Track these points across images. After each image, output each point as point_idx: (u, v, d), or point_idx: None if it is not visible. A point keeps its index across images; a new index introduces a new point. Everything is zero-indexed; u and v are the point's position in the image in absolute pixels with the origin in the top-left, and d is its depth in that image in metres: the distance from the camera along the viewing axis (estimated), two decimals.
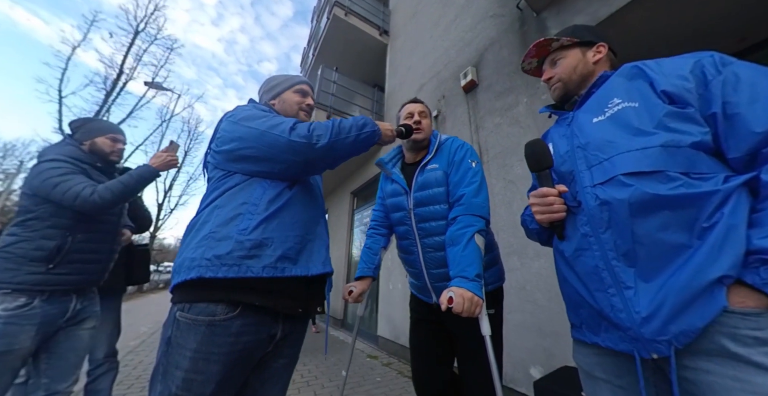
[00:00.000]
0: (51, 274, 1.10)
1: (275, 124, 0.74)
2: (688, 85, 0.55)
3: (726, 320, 0.46)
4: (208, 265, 0.64)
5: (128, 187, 1.19)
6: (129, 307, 7.73)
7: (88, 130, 1.36)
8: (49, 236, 1.11)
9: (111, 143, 1.39)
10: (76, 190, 1.10)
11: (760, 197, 0.48)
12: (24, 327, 1.04)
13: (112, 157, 1.40)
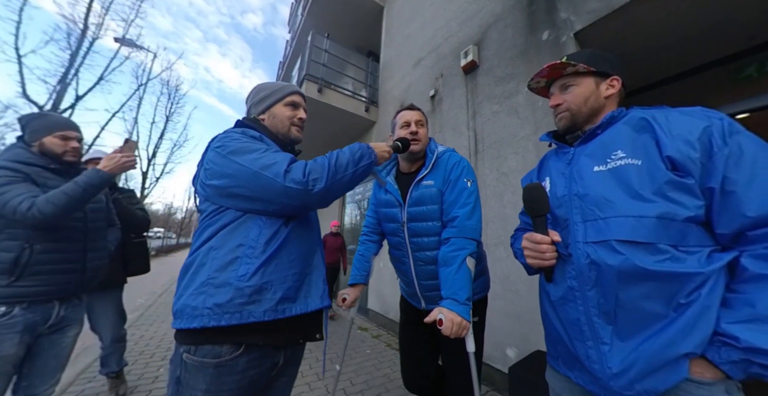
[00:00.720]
0: (15, 286, 1.06)
1: (268, 165, 0.70)
2: (693, 155, 0.55)
3: (684, 385, 0.52)
4: (210, 314, 0.65)
5: (73, 198, 1.06)
6: None
7: (34, 129, 1.20)
8: (6, 249, 1.05)
9: (61, 142, 1.23)
10: (13, 205, 1.00)
11: (736, 278, 0.52)
12: (6, 335, 1.04)
13: (66, 158, 1.24)
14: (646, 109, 0.67)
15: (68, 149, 1.24)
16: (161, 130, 10.21)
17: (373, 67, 4.97)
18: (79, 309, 1.30)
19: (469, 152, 2.78)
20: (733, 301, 0.50)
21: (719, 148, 0.53)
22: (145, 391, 1.92)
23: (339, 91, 4.43)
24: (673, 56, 2.07)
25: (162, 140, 10.32)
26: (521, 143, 2.30)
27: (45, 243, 1.12)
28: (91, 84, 9.17)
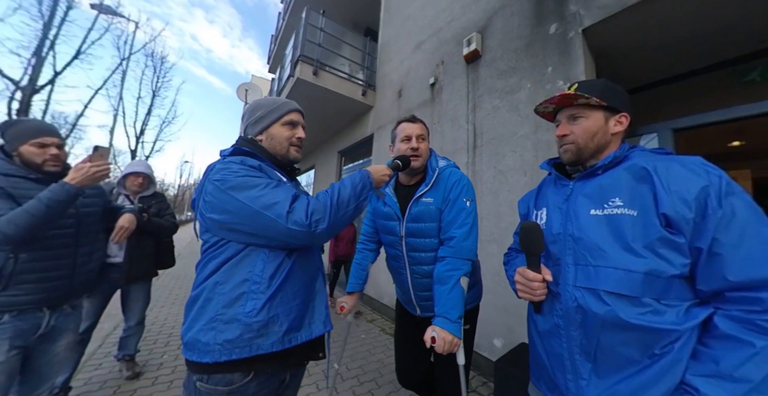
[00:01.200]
0: (3, 296, 1.06)
1: (270, 205, 0.69)
2: (688, 215, 0.56)
3: None
4: (221, 349, 0.69)
5: (37, 216, 1.00)
6: None
7: (10, 138, 1.14)
8: None
9: (38, 151, 1.15)
10: None
11: (708, 333, 0.56)
12: None
13: (47, 168, 1.18)
14: (649, 156, 0.67)
15: (48, 158, 1.17)
16: (148, 106, 9.76)
17: (371, 48, 4.73)
18: (72, 318, 1.29)
19: (467, 146, 2.76)
20: (701, 355, 0.55)
21: (713, 210, 0.55)
22: (151, 378, 2.03)
23: (335, 74, 4.25)
24: (682, 55, 2.02)
25: (150, 117, 9.87)
26: (520, 142, 2.28)
27: (31, 252, 1.11)
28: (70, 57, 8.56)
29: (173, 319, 3.20)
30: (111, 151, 8.26)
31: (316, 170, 7.28)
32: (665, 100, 2.47)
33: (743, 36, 1.74)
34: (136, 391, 1.87)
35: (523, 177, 2.24)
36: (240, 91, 7.36)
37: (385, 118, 4.25)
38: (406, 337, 1.37)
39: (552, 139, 2.05)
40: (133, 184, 1.98)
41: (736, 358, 0.50)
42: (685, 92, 2.28)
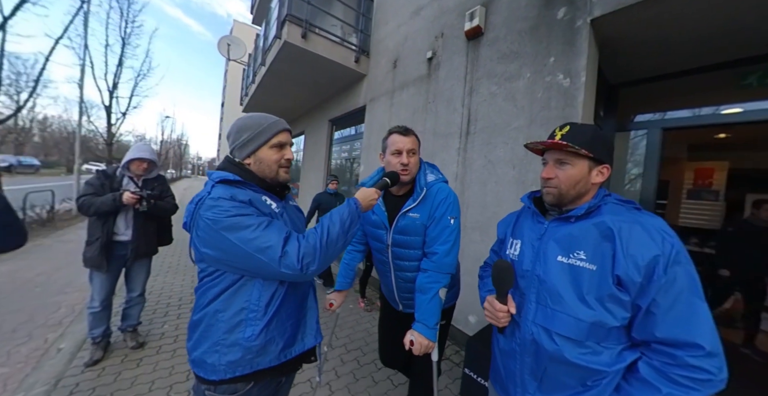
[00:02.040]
0: None
1: (263, 248, 0.72)
2: (637, 279, 0.64)
3: None
4: (225, 369, 0.78)
5: None
6: None
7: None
8: None
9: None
10: None
11: (631, 372, 0.67)
12: None
13: None
14: (618, 213, 0.71)
15: None
16: (119, 56, 8.72)
17: (365, 7, 4.28)
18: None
19: (460, 131, 2.72)
20: (622, 389, 0.67)
21: (658, 277, 0.62)
22: (155, 347, 2.22)
23: (326, 37, 3.89)
24: (685, 53, 1.95)
25: (122, 68, 8.90)
26: (512, 134, 2.27)
27: None
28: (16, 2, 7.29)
29: (169, 288, 3.36)
30: (84, 106, 7.65)
31: (306, 137, 7.05)
32: (660, 95, 2.44)
33: (749, 39, 1.68)
34: (143, 360, 2.06)
35: (511, 170, 2.28)
36: (221, 45, 6.69)
37: (379, 90, 4.04)
38: (389, 328, 1.53)
39: (543, 136, 2.05)
40: (138, 168, 2.02)
41: (644, 391, 0.63)
42: (681, 89, 2.26)
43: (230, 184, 0.82)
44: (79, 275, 3.53)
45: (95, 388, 1.77)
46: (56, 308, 2.72)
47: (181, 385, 1.86)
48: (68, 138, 27.45)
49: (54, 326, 2.45)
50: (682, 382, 0.59)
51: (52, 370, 1.91)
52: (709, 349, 0.58)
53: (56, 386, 1.77)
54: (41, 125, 28.91)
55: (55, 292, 3.04)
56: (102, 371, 1.93)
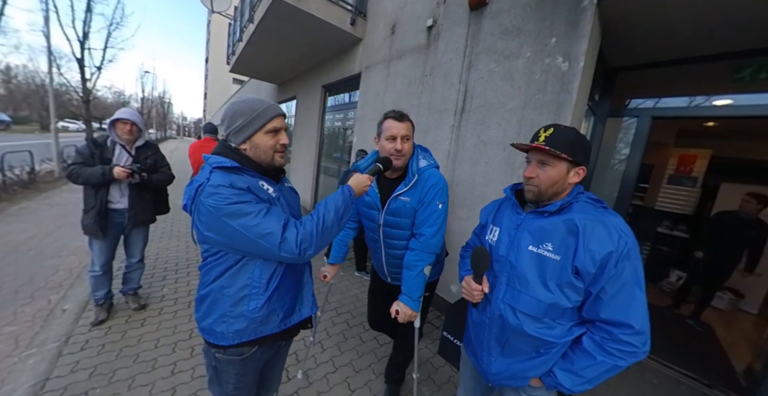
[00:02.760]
0: None
1: (264, 235, 0.77)
2: (591, 270, 0.74)
3: (525, 387, 0.89)
4: (233, 336, 0.88)
5: None
6: None
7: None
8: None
9: None
10: None
11: (576, 345, 0.81)
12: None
13: None
14: (586, 211, 0.79)
15: None
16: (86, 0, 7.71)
17: None
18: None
19: (455, 109, 2.70)
20: (567, 357, 0.82)
21: (609, 270, 0.73)
22: (156, 309, 2.37)
23: None
24: (686, 41, 1.93)
25: (91, 15, 7.93)
26: (506, 115, 2.28)
27: None
28: None
29: (165, 253, 3.46)
30: (53, 57, 7.00)
31: (297, 103, 6.76)
32: (655, 82, 2.44)
33: (748, 32, 1.67)
34: (146, 320, 2.22)
35: (501, 152, 2.33)
36: None
37: (376, 57, 3.85)
38: (377, 298, 1.69)
39: (536, 120, 2.07)
40: (122, 131, 1.97)
41: (583, 363, 0.77)
42: (676, 77, 2.26)
43: (228, 171, 0.84)
44: (72, 239, 3.56)
45: (104, 345, 1.93)
46: (54, 271, 2.80)
47: (185, 343, 2.04)
48: (37, 91, 25.41)
49: (54, 288, 2.54)
50: (614, 352, 0.73)
51: (60, 329, 2.04)
52: (638, 328, 0.71)
53: (67, 343, 1.91)
54: (5, 76, 26.45)
55: (50, 256, 3.10)
56: (108, 330, 2.07)
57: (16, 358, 1.78)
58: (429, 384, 1.95)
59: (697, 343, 2.77)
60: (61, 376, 1.67)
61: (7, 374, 1.66)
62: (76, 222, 4.15)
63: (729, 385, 2.14)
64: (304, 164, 6.23)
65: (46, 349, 1.85)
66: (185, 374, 1.78)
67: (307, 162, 6.11)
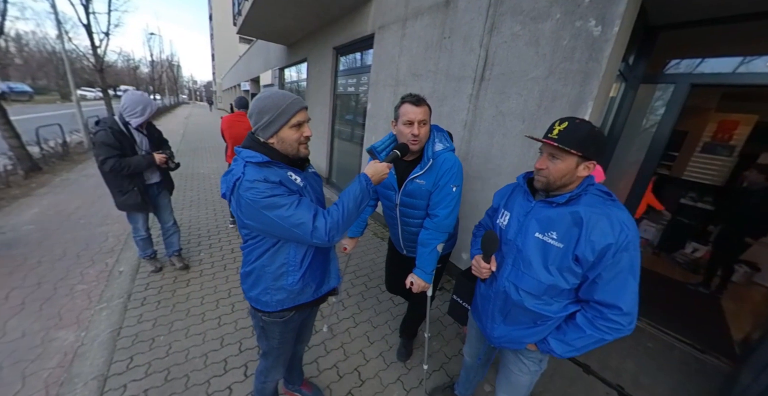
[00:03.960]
0: None
1: (297, 224, 0.87)
2: (590, 259, 0.81)
3: (522, 350, 1.04)
4: (276, 304, 1.06)
5: None
6: None
7: None
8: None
9: None
10: None
11: (570, 319, 0.92)
12: None
13: None
14: (593, 204, 0.84)
15: None
16: None
17: None
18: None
19: (474, 76, 2.57)
20: (560, 329, 0.93)
21: (607, 259, 0.79)
22: (197, 271, 2.68)
23: None
24: None
25: None
26: (528, 85, 2.17)
27: None
28: None
29: (197, 221, 3.75)
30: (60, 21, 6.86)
31: (309, 66, 6.50)
32: (697, 42, 2.20)
33: None
34: (190, 281, 2.53)
35: (520, 124, 2.26)
36: None
37: (390, 16, 3.58)
38: (393, 266, 1.85)
39: (559, 91, 1.97)
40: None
41: (574, 335, 0.89)
42: (719, 36, 2.02)
43: (260, 165, 0.93)
44: (112, 208, 3.85)
45: (160, 301, 2.26)
46: (105, 238, 3.15)
47: (225, 300, 2.35)
48: (51, 59, 25.41)
49: (108, 253, 2.89)
50: (602, 328, 0.83)
51: (121, 287, 2.38)
52: (626, 310, 0.80)
53: (129, 299, 2.25)
54: (17, 44, 26.41)
55: (98, 224, 3.45)
56: (160, 289, 2.40)
57: (92, 310, 2.14)
58: (438, 339, 2.20)
59: (701, 313, 2.86)
60: (131, 326, 2.01)
61: (89, 323, 2.02)
62: None
63: (723, 352, 2.25)
64: (319, 132, 6.20)
65: (113, 304, 2.19)
66: (230, 326, 2.09)
67: (321, 129, 6.07)
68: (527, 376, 1.09)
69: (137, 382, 1.64)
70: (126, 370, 1.70)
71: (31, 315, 2.05)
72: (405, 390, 1.77)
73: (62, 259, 2.70)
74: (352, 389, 1.74)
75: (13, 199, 3.83)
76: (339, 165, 5.92)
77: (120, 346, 1.85)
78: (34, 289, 2.29)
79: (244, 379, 1.72)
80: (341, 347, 2.04)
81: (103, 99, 9.24)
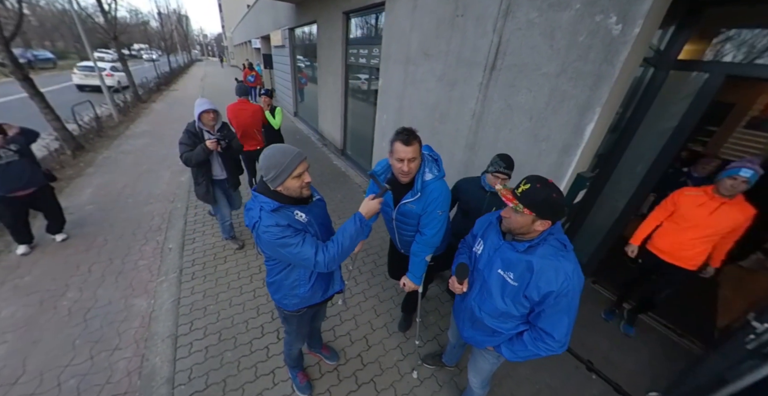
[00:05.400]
0: None
1: (303, 259, 1.12)
2: (536, 299, 1.00)
3: (482, 351, 1.32)
4: (293, 306, 1.38)
5: None
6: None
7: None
8: None
9: None
10: None
11: (518, 336, 1.15)
12: None
13: None
14: (546, 254, 0.99)
15: None
16: None
17: None
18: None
19: (485, 64, 2.47)
20: (511, 340, 1.18)
21: (549, 301, 0.99)
22: (231, 249, 3.13)
23: None
24: None
25: None
26: (539, 81, 2.09)
27: None
28: None
29: None
30: None
31: (319, 30, 6.13)
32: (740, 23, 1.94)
33: None
34: (227, 258, 3.00)
35: (527, 121, 2.25)
36: None
37: None
38: (393, 258, 2.14)
39: (568, 93, 1.92)
40: (208, 120, 2.54)
41: (519, 347, 1.13)
42: None
43: (273, 212, 1.14)
44: (152, 187, 4.38)
45: (205, 276, 2.75)
46: (151, 217, 3.64)
47: (257, 276, 2.80)
48: (64, 20, 25.02)
49: (156, 231, 3.39)
50: (540, 347, 1.07)
51: (173, 263, 2.89)
52: (557, 338, 1.02)
53: (181, 274, 2.76)
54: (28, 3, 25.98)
55: (144, 203, 3.94)
56: (204, 265, 2.88)
57: (154, 283, 2.67)
58: (435, 314, 2.58)
59: (692, 299, 2.90)
60: (186, 296, 2.52)
61: (155, 293, 2.55)
62: (150, 170, 4.97)
63: (700, 337, 2.43)
64: (332, 102, 6.14)
65: (170, 278, 2.71)
66: (262, 298, 2.56)
67: (334, 100, 6.00)
68: (488, 365, 1.40)
69: (199, 341, 2.16)
70: (189, 331, 2.22)
71: (111, 285, 2.61)
72: (403, 355, 2.20)
73: (122, 238, 3.23)
74: (361, 352, 2.19)
75: (69, 179, 4.37)
76: (353, 135, 5.95)
77: (181, 312, 2.37)
78: (108, 264, 2.84)
79: (277, 341, 2.20)
80: (353, 318, 2.47)
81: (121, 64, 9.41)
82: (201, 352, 2.08)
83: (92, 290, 2.54)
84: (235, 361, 2.04)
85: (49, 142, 5.00)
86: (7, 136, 2.55)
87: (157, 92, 12.48)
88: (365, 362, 2.12)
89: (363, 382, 1.98)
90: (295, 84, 9.61)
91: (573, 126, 1.95)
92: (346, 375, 2.02)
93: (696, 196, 1.96)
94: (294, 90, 9.79)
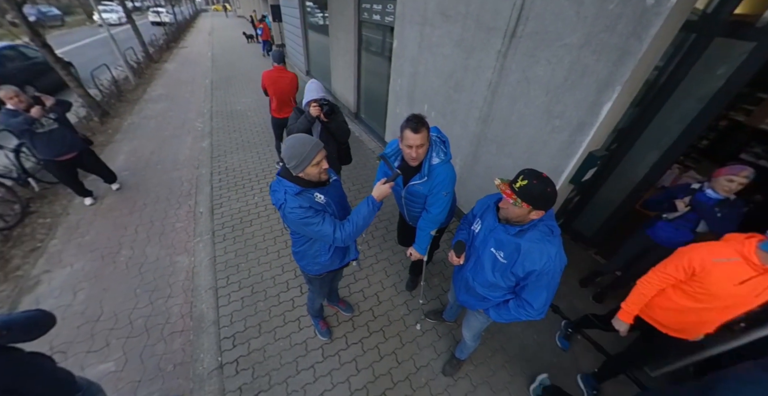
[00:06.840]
0: None
1: (323, 235, 1.30)
2: (521, 275, 1.17)
3: (474, 312, 1.55)
4: (315, 272, 1.63)
5: None
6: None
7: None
8: None
9: None
10: None
11: (504, 302, 1.34)
12: None
13: None
14: (534, 237, 1.12)
15: None
16: None
17: None
18: None
19: (506, 30, 2.33)
20: (498, 306, 1.37)
21: (532, 278, 1.15)
22: (255, 213, 3.41)
23: None
24: None
25: None
26: (560, 52, 1.99)
27: None
28: None
29: (242, 163, 4.35)
30: None
31: (330, 10, 5.61)
32: None
33: None
34: (252, 221, 3.30)
35: (543, 95, 2.19)
36: None
37: None
38: (403, 228, 2.33)
39: (590, 67, 1.84)
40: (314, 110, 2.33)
41: (503, 311, 1.33)
42: None
43: (296, 195, 1.30)
44: (176, 153, 4.62)
45: (235, 238, 3.08)
46: (180, 183, 3.94)
47: (281, 238, 3.11)
48: None
49: (186, 196, 3.70)
50: (521, 313, 1.26)
51: (205, 225, 3.23)
52: (536, 307, 1.21)
53: (214, 235, 3.10)
54: None
55: (171, 169, 4.22)
56: (233, 228, 3.21)
57: (192, 243, 3.03)
58: (439, 276, 2.85)
59: None
60: (220, 255, 2.88)
61: (194, 252, 2.92)
62: (173, 135, 5.16)
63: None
64: (345, 62, 5.88)
65: (204, 239, 3.06)
66: (286, 258, 2.89)
67: (347, 59, 5.74)
68: (478, 323, 1.65)
69: (236, 292, 2.54)
70: (226, 285, 2.61)
71: (156, 245, 3.00)
72: (408, 310, 2.52)
73: (158, 202, 3.57)
74: (372, 307, 2.53)
75: (102, 146, 4.66)
76: (367, 97, 5.81)
77: (218, 269, 2.75)
78: (150, 226, 3.22)
79: (301, 295, 2.57)
80: (366, 278, 2.78)
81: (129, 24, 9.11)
82: (238, 301, 2.47)
83: (141, 248, 2.94)
84: (266, 309, 2.43)
85: (76, 108, 5.20)
86: (45, 106, 2.74)
87: (167, 51, 12.12)
88: (376, 315, 2.46)
89: (374, 331, 2.34)
90: (305, 40, 9.07)
91: (590, 103, 1.91)
92: (360, 324, 2.38)
93: (733, 266, 1.27)
94: (305, 46, 9.28)
